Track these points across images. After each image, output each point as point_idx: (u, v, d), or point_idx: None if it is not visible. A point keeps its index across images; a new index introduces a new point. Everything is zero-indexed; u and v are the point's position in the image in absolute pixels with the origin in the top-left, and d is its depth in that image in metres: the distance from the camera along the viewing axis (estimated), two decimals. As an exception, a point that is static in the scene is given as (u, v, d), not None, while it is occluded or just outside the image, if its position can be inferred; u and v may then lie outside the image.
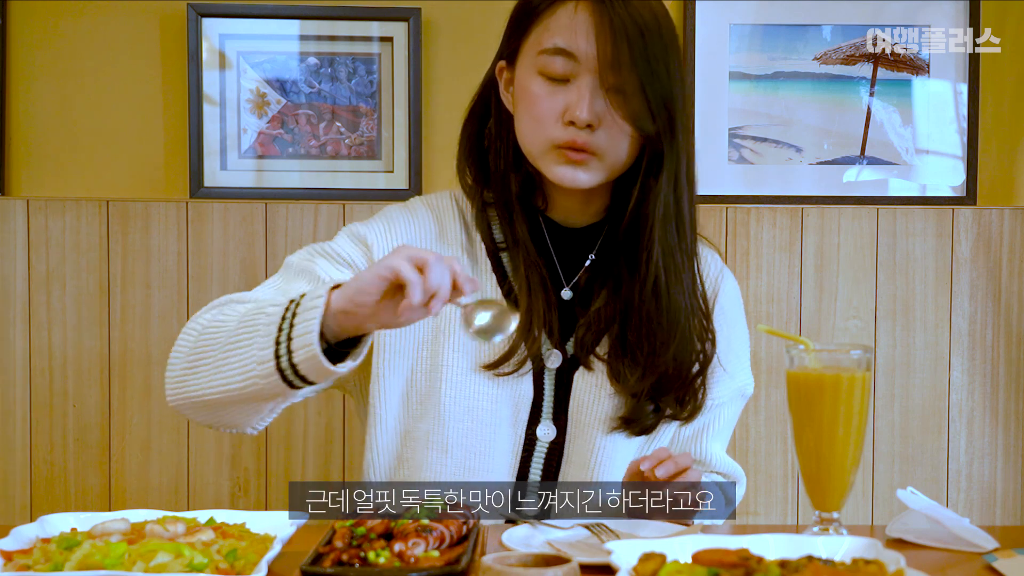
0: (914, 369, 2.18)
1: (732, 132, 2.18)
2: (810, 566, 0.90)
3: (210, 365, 1.19)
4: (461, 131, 1.43)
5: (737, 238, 2.14)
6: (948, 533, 1.15)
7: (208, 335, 1.21)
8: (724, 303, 1.46)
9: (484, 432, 1.34)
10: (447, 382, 1.34)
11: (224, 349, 1.18)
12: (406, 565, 0.97)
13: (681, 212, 1.33)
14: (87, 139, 2.13)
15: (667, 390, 1.36)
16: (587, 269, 1.40)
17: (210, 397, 1.19)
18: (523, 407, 1.36)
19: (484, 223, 1.39)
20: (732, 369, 1.45)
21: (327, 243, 1.39)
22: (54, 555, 1.00)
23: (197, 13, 2.09)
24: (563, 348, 1.38)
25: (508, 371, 1.34)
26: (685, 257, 1.35)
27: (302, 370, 1.12)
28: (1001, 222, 2.17)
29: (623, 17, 1.24)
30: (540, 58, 1.29)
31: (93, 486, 2.08)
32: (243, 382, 1.15)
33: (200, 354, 1.20)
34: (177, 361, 1.23)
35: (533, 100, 1.30)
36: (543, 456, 1.37)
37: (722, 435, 1.49)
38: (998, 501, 2.20)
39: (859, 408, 1.08)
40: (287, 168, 2.13)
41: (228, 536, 1.08)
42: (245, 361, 1.15)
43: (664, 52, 1.26)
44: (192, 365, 1.21)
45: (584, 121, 1.26)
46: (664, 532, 1.18)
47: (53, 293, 2.06)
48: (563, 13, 1.27)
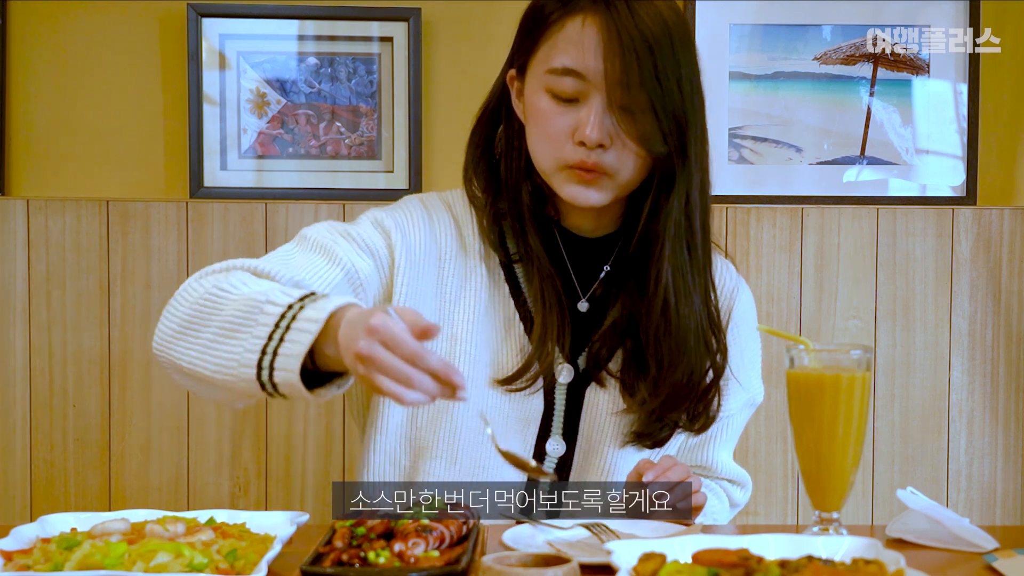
0: (914, 369, 2.18)
1: (732, 132, 2.18)
2: (810, 566, 0.90)
3: (201, 341, 1.12)
4: (469, 139, 1.39)
5: (737, 238, 2.14)
6: (948, 533, 1.15)
7: (207, 305, 1.14)
8: (738, 317, 1.43)
9: (492, 446, 1.33)
10: None
11: (217, 332, 1.11)
12: (406, 565, 0.97)
13: (693, 231, 1.30)
14: (87, 139, 2.13)
15: (678, 406, 1.33)
16: (602, 280, 1.37)
17: (195, 371, 1.13)
18: (533, 422, 1.34)
19: (496, 234, 1.35)
20: (745, 381, 1.43)
21: (349, 224, 1.33)
22: (54, 555, 1.00)
23: (197, 13, 2.09)
24: (574, 362, 1.35)
25: (520, 387, 1.31)
26: (697, 275, 1.31)
27: (281, 389, 1.06)
28: (1001, 222, 2.17)
29: (632, 32, 1.20)
30: (548, 77, 1.25)
31: (93, 486, 2.08)
32: (227, 375, 1.09)
33: (194, 323, 1.14)
34: (171, 318, 1.16)
35: (542, 119, 1.26)
36: (552, 471, 1.35)
37: (729, 443, 1.47)
38: (998, 501, 2.20)
39: (859, 408, 1.08)
40: (287, 168, 2.13)
41: (228, 536, 1.08)
42: (233, 355, 1.09)
43: (676, 67, 1.21)
44: (184, 331, 1.14)
45: (594, 142, 1.23)
46: (664, 532, 1.18)
47: (53, 293, 2.06)
48: (571, 28, 1.23)
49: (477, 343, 1.32)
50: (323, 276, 1.25)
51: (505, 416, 1.33)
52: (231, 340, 1.10)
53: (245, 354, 1.07)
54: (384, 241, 1.32)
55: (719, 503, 1.46)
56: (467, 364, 1.32)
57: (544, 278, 1.32)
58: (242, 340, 1.08)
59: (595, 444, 1.35)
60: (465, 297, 1.33)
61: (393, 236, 1.32)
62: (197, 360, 1.12)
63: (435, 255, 1.34)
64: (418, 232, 1.34)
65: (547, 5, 1.27)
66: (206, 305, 1.14)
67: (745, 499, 1.52)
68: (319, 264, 1.26)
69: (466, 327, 1.33)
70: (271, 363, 1.05)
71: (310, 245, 1.29)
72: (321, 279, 1.25)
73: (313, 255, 1.28)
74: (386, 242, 1.32)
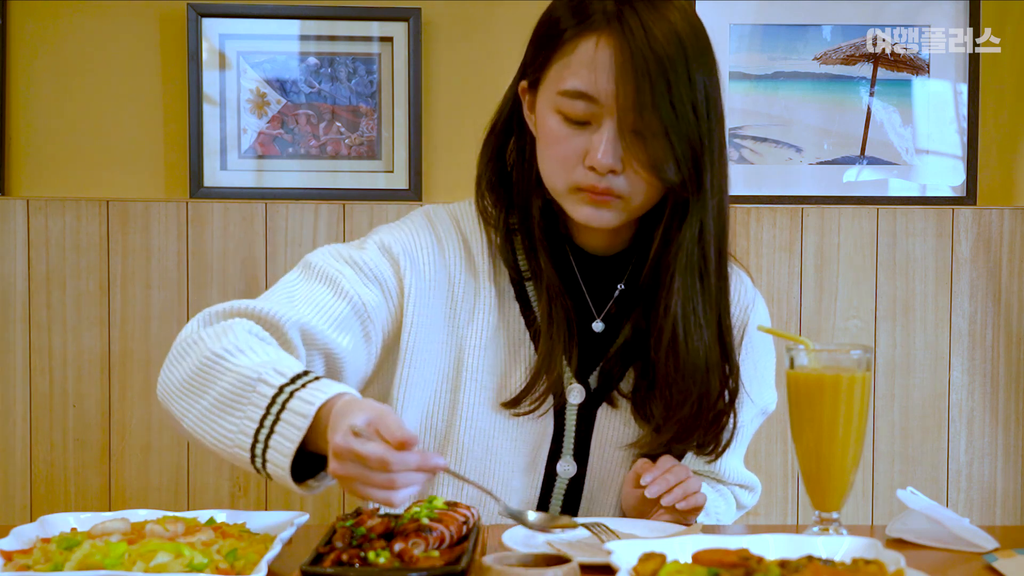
0: (914, 369, 2.18)
1: (732, 132, 2.18)
2: (810, 566, 0.90)
3: (199, 407, 1.11)
4: (481, 152, 1.34)
5: (737, 238, 2.14)
6: (948, 533, 1.15)
7: (205, 371, 1.11)
8: (753, 333, 1.40)
9: (502, 469, 1.30)
10: (465, 419, 1.29)
11: (214, 404, 1.09)
12: (406, 565, 0.97)
13: (707, 259, 1.25)
14: (87, 139, 2.13)
15: (688, 436, 1.30)
16: (616, 300, 1.33)
17: (193, 435, 1.12)
18: (543, 443, 1.32)
19: (508, 251, 1.31)
20: (758, 396, 1.41)
21: (355, 249, 1.29)
22: (54, 555, 1.00)
23: (197, 13, 2.09)
24: (585, 382, 1.32)
25: (526, 411, 1.29)
26: (709, 307, 1.26)
27: (274, 478, 1.05)
28: (1001, 222, 2.17)
29: (646, 54, 1.15)
30: (560, 99, 1.20)
31: (93, 486, 2.08)
32: (223, 447, 1.08)
33: (194, 387, 1.12)
34: (173, 373, 1.15)
35: (553, 141, 1.22)
36: (563, 492, 1.34)
37: (739, 450, 1.46)
38: (998, 501, 2.20)
39: (859, 408, 1.08)
40: (287, 168, 2.13)
41: (228, 536, 1.08)
42: (228, 434, 1.07)
43: (691, 90, 1.17)
44: (184, 392, 1.13)
45: (604, 167, 1.19)
46: (664, 532, 1.18)
47: (53, 293, 2.06)
48: (584, 49, 1.18)
49: (486, 365, 1.30)
50: (329, 312, 1.22)
51: (512, 437, 1.31)
52: (227, 416, 1.08)
53: (239, 435, 1.06)
54: (392, 269, 1.28)
55: (725, 505, 1.45)
56: (472, 389, 1.29)
57: (553, 297, 1.28)
58: (236, 420, 1.07)
59: (608, 465, 1.33)
60: (475, 320, 1.30)
61: (402, 264, 1.28)
62: (195, 426, 1.11)
63: (444, 279, 1.31)
64: (427, 257, 1.30)
65: (562, 19, 1.22)
66: (204, 370, 1.12)
67: (753, 502, 1.50)
68: (325, 298, 1.23)
69: (476, 351, 1.30)
70: (263, 453, 1.04)
71: (315, 275, 1.26)
72: (327, 315, 1.22)
73: (318, 286, 1.24)
74: (394, 270, 1.28)
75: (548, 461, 1.32)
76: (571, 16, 1.21)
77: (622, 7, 1.18)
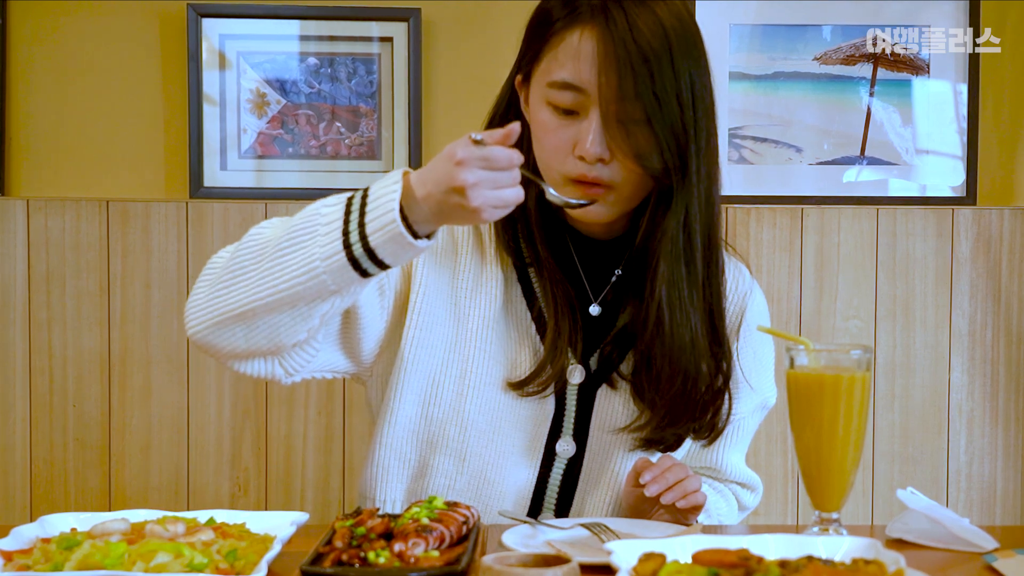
0: (914, 369, 2.18)
1: (732, 132, 2.18)
2: (810, 566, 0.90)
3: (256, 273, 1.12)
4: None
5: (737, 238, 2.14)
6: (948, 533, 1.15)
7: (247, 250, 1.14)
8: (751, 321, 1.42)
9: (503, 445, 1.32)
10: (474, 393, 1.30)
11: (274, 255, 1.11)
12: (406, 565, 0.97)
13: (693, 247, 1.27)
14: (87, 139, 2.13)
15: (680, 419, 1.32)
16: (613, 284, 1.36)
17: (255, 304, 1.12)
18: (544, 422, 1.34)
19: (509, 237, 1.34)
20: (757, 385, 1.42)
21: None
22: (54, 555, 1.00)
23: (197, 13, 2.09)
24: (586, 363, 1.34)
25: (533, 392, 1.31)
26: (695, 291, 1.28)
27: (380, 253, 1.07)
28: (1001, 222, 2.17)
29: (629, 46, 1.17)
30: (549, 90, 1.23)
31: (93, 486, 2.08)
32: (302, 281, 1.09)
33: (240, 268, 1.14)
34: (204, 287, 1.16)
35: (544, 132, 1.25)
36: (561, 471, 1.35)
37: (740, 445, 1.46)
38: (998, 501, 2.20)
39: (859, 408, 1.08)
40: (287, 168, 2.13)
41: (228, 536, 1.08)
42: (305, 259, 1.09)
43: (675, 81, 1.19)
44: (231, 280, 1.14)
45: (592, 156, 1.21)
46: (664, 532, 1.18)
47: (53, 293, 2.06)
48: (570, 41, 1.21)
49: (491, 343, 1.32)
50: None
51: (516, 415, 1.32)
52: (296, 250, 1.10)
53: (322, 249, 1.08)
54: None
55: (726, 505, 1.45)
56: (481, 363, 1.31)
57: (555, 283, 1.31)
58: (312, 241, 1.10)
59: (606, 446, 1.35)
60: (480, 296, 1.32)
61: None
62: (257, 291, 1.12)
63: (451, 247, 1.33)
64: (437, 234, 1.33)
65: (553, 11, 1.25)
66: (244, 253, 1.15)
67: (755, 502, 1.51)
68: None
69: (480, 326, 1.31)
70: (361, 234, 1.07)
71: None
72: None
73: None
74: None
75: (548, 440, 1.34)
76: (562, 8, 1.24)
77: (608, 0, 1.21)
